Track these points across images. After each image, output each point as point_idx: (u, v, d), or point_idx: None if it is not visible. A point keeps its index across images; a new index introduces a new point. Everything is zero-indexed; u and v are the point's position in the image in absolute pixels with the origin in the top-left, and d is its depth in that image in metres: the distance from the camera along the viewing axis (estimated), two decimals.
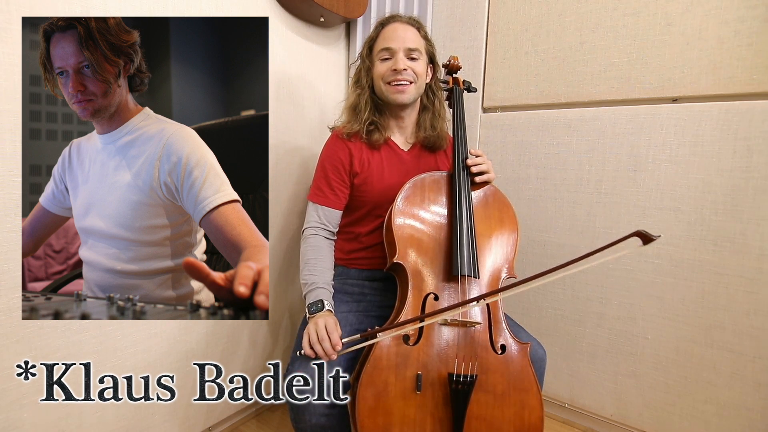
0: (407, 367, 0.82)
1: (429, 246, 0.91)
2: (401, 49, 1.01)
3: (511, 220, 0.97)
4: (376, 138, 1.05)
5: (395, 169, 1.07)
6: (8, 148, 0.79)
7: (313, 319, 0.88)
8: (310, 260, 1.00)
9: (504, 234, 0.96)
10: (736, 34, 1.06)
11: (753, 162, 1.07)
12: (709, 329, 1.15)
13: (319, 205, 1.05)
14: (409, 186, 0.96)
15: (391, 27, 1.03)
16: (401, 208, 0.93)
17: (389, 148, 1.09)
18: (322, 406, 0.82)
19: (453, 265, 0.88)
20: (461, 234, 0.89)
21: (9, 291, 0.82)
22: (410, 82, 1.02)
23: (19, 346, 0.85)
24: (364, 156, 1.06)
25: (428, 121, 1.10)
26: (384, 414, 0.81)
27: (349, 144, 1.06)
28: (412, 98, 1.04)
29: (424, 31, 1.07)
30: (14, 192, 0.81)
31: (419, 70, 1.03)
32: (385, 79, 1.02)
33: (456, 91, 1.10)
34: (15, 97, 0.79)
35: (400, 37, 1.02)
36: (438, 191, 0.96)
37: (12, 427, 0.85)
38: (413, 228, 0.92)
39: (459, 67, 1.15)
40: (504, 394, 0.84)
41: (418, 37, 1.04)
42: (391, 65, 1.01)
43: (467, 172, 0.96)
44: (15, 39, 0.78)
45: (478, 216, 0.95)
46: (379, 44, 1.04)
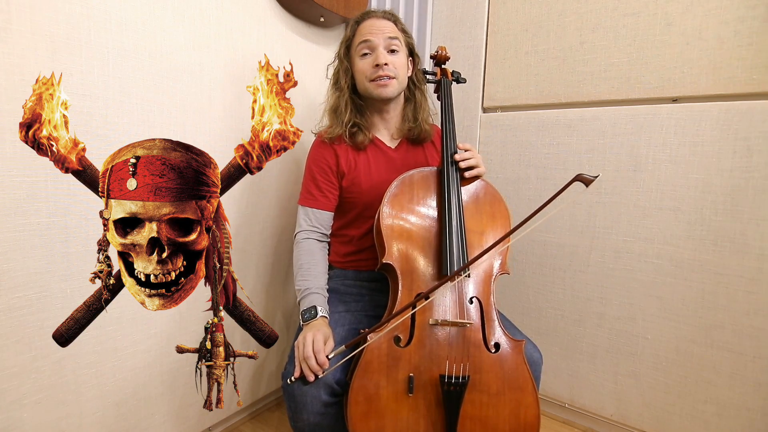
0: (399, 370, 0.81)
1: (419, 245, 0.90)
2: (381, 42, 1.00)
3: (503, 215, 0.95)
4: (361, 139, 1.04)
5: (383, 168, 1.06)
6: (8, 148, 0.79)
7: (305, 330, 0.87)
8: (303, 265, 0.99)
9: (496, 229, 0.94)
10: (736, 34, 1.06)
11: (753, 162, 1.07)
12: (709, 329, 1.15)
13: (309, 208, 1.04)
14: (397, 184, 0.93)
15: (368, 22, 1.03)
16: (389, 206, 0.91)
17: (375, 147, 1.09)
18: (320, 404, 0.82)
19: (443, 264, 0.86)
20: (451, 231, 0.87)
21: (9, 291, 0.82)
22: (392, 77, 1.01)
23: (19, 346, 0.85)
24: (350, 157, 1.05)
25: (411, 113, 1.10)
26: (376, 417, 0.80)
27: (334, 146, 1.05)
28: (395, 92, 1.03)
29: (401, 24, 1.06)
30: (14, 192, 0.81)
31: (400, 63, 1.02)
32: (368, 77, 1.01)
33: (444, 83, 1.07)
34: (15, 97, 0.79)
35: (378, 28, 1.01)
36: (427, 188, 0.94)
37: (12, 427, 0.85)
38: (402, 227, 0.90)
39: (447, 58, 1.12)
40: (499, 393, 0.83)
41: (395, 28, 1.03)
42: (372, 61, 1.00)
43: (456, 167, 0.94)
44: (15, 39, 0.78)
45: (468, 212, 0.93)
46: (357, 39, 1.03)
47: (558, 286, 1.38)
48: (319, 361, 0.81)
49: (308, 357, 0.81)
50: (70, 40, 0.85)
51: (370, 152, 1.08)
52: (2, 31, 0.77)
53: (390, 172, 1.04)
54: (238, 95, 1.16)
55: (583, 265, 1.33)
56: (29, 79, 0.79)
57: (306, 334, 0.85)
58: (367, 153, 1.07)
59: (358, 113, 1.06)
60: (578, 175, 0.75)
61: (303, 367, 0.82)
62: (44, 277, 0.86)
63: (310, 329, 0.87)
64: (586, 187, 0.74)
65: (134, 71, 0.95)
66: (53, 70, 0.82)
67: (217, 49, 1.12)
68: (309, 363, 0.81)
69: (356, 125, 1.05)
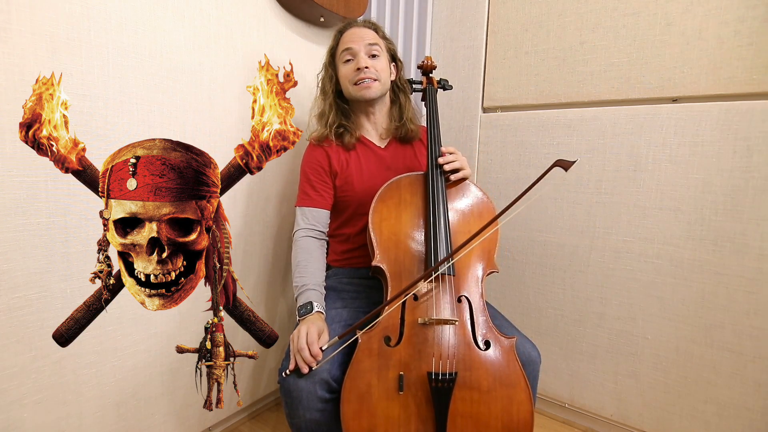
0: (389, 369, 0.83)
1: (407, 248, 0.92)
2: (362, 48, 1.06)
3: (489, 214, 0.97)
4: (348, 139, 1.10)
5: (374, 166, 1.11)
6: (8, 148, 0.79)
7: (300, 324, 0.89)
8: (300, 262, 1.01)
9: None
10: (736, 34, 1.06)
11: (753, 162, 1.07)
12: (709, 329, 1.15)
13: (305, 207, 1.08)
14: (385, 188, 0.97)
15: (350, 31, 1.09)
16: (378, 211, 0.95)
17: (364, 146, 1.13)
18: (316, 399, 0.82)
19: (429, 266, 0.88)
20: (437, 234, 0.90)
21: (9, 291, 0.82)
22: (374, 79, 1.06)
23: (19, 346, 0.85)
24: (341, 157, 1.10)
25: (396, 114, 1.16)
26: (368, 416, 0.81)
27: (325, 148, 1.10)
28: (378, 93, 1.08)
29: (382, 32, 1.13)
30: (14, 192, 0.81)
31: (381, 66, 1.08)
32: (351, 80, 1.07)
33: (429, 91, 1.13)
34: (15, 97, 0.79)
35: (359, 36, 1.07)
36: (414, 192, 0.97)
37: (12, 427, 0.85)
38: (390, 231, 0.93)
39: (433, 67, 1.17)
40: (490, 389, 0.83)
41: (376, 36, 1.10)
42: (354, 65, 1.06)
43: (441, 170, 0.97)
44: (15, 39, 0.78)
45: (455, 214, 0.96)
46: (340, 48, 1.09)
47: (558, 286, 1.38)
48: (312, 352, 0.82)
49: (302, 348, 0.83)
50: (70, 40, 0.85)
51: (360, 152, 1.12)
52: (2, 31, 0.77)
53: (381, 170, 1.10)
54: (238, 95, 1.16)
55: (583, 265, 1.33)
56: (29, 79, 0.79)
57: (300, 328, 0.86)
58: (357, 152, 1.12)
59: (342, 116, 1.12)
60: (557, 160, 0.79)
61: (297, 359, 0.83)
62: (44, 277, 0.86)
63: (304, 323, 0.88)
64: (565, 171, 0.78)
65: (134, 71, 0.95)
66: (53, 70, 0.82)
67: (217, 49, 1.12)
68: (303, 354, 0.82)
69: (341, 126, 1.10)
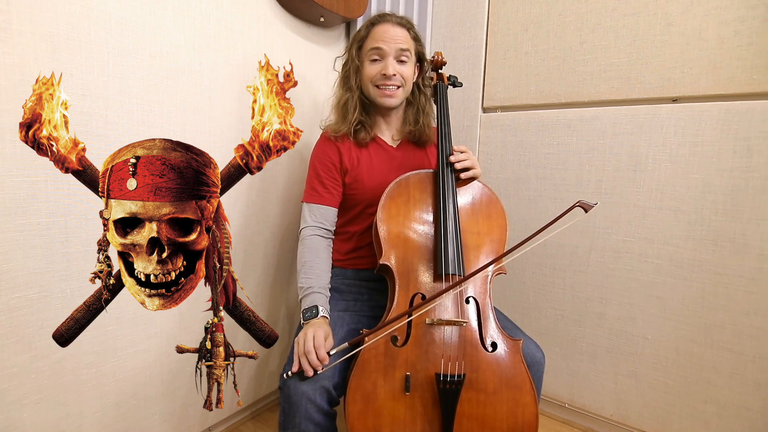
0: (396, 369, 0.82)
1: (415, 246, 0.91)
2: (392, 52, 1.02)
3: (499, 215, 0.96)
4: (363, 136, 1.07)
5: (384, 165, 1.08)
6: (8, 148, 0.79)
7: (305, 328, 0.87)
8: (307, 263, 1.00)
9: (492, 230, 0.95)
10: (736, 34, 1.06)
11: (753, 162, 1.07)
12: (709, 329, 1.15)
13: (313, 204, 1.05)
14: (394, 186, 0.95)
15: (382, 27, 1.03)
16: (386, 208, 0.93)
17: (377, 144, 1.11)
18: (314, 408, 0.81)
19: (438, 265, 0.87)
20: (446, 232, 0.89)
21: (9, 291, 0.82)
22: (398, 86, 1.04)
23: (19, 346, 0.85)
24: (353, 154, 1.07)
25: (411, 116, 1.12)
26: (374, 416, 0.81)
27: (338, 143, 1.07)
28: (399, 101, 1.07)
29: (414, 32, 1.08)
30: (14, 192, 0.81)
31: (407, 73, 1.05)
32: (374, 82, 1.04)
33: (440, 87, 1.09)
34: (15, 97, 0.79)
35: (391, 37, 1.02)
36: (423, 190, 0.95)
37: (12, 427, 0.85)
38: (399, 228, 0.92)
39: (444, 63, 1.14)
40: (496, 391, 0.83)
41: (408, 38, 1.05)
42: (381, 69, 1.02)
43: (451, 169, 0.95)
44: (15, 39, 0.78)
45: (464, 213, 0.94)
46: (369, 44, 1.04)
47: (558, 286, 1.38)
48: (319, 356, 0.81)
49: (309, 351, 0.81)
50: (70, 40, 0.85)
51: (372, 150, 1.10)
52: (2, 31, 0.77)
53: (391, 169, 1.06)
54: (238, 95, 1.16)
55: (583, 265, 1.33)
56: (29, 79, 0.79)
57: (306, 331, 0.85)
58: (369, 150, 1.09)
59: (365, 112, 1.08)
60: (579, 201, 0.80)
61: (302, 362, 0.82)
62: (44, 277, 0.86)
63: (310, 326, 0.87)
64: (585, 212, 0.79)
65: (134, 71, 0.95)
66: (53, 70, 0.82)
67: (217, 49, 1.12)
68: (309, 357, 0.81)
69: (361, 123, 1.07)
